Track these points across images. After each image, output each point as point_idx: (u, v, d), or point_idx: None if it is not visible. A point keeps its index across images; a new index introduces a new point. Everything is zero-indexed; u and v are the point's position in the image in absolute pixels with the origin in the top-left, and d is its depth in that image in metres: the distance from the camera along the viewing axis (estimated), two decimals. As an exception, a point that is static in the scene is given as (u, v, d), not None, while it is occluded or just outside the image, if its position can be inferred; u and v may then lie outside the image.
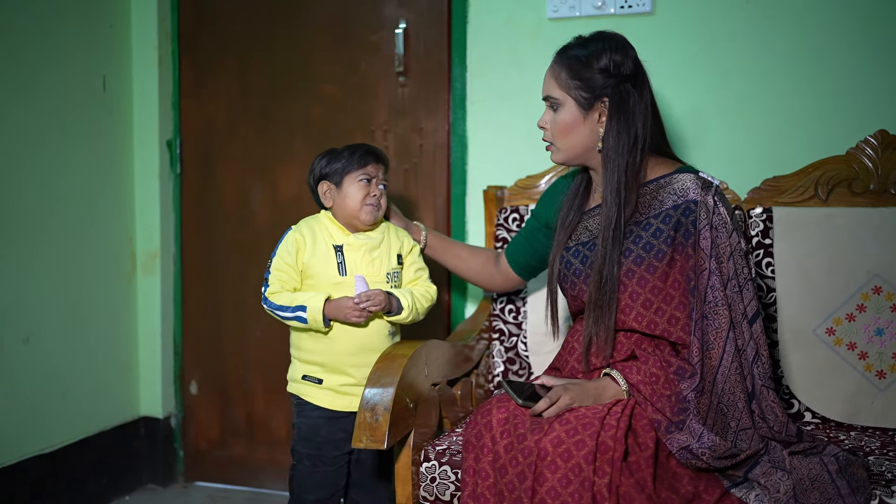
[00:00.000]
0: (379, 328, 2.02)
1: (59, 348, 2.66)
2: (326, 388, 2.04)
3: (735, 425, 1.64)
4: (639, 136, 1.76)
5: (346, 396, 2.04)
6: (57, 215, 2.65)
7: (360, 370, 2.00)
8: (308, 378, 2.06)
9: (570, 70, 1.77)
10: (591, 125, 1.78)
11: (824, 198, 2.15)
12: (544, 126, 1.84)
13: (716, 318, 1.67)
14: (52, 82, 2.62)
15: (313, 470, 2.07)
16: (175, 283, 2.99)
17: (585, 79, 1.76)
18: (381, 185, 2.06)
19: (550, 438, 1.57)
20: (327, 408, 2.05)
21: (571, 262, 1.84)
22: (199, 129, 2.95)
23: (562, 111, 1.79)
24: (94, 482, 2.78)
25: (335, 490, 2.10)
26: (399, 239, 2.10)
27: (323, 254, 2.01)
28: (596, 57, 1.76)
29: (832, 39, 2.29)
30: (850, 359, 2.06)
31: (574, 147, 1.81)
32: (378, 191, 2.04)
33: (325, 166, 2.08)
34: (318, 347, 2.03)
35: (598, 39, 1.79)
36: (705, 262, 1.69)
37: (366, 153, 2.06)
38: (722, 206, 1.72)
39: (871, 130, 2.15)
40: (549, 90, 1.81)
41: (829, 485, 1.59)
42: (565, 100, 1.78)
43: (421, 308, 2.05)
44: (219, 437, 2.99)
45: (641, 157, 1.76)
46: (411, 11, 2.67)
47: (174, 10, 2.93)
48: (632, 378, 1.67)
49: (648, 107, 1.78)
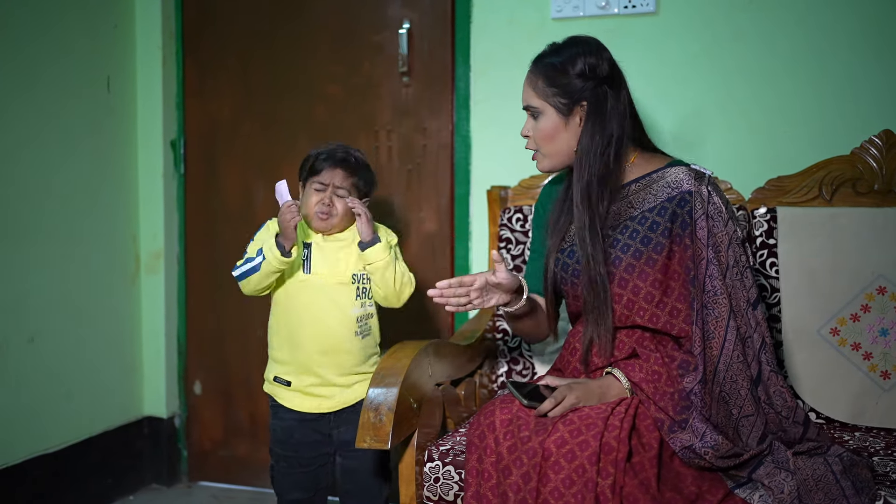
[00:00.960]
0: (345, 328, 2.03)
1: (63, 348, 2.67)
2: (296, 389, 2.07)
3: (737, 412, 1.64)
4: (614, 136, 1.76)
5: (314, 398, 2.06)
6: (61, 215, 2.65)
7: (327, 370, 2.03)
8: (278, 380, 2.08)
9: (547, 78, 1.79)
10: (573, 129, 1.79)
11: (828, 198, 2.15)
12: (527, 134, 1.85)
13: (715, 307, 1.67)
14: (57, 82, 2.62)
15: (289, 471, 2.09)
16: (179, 283, 3.00)
17: (562, 85, 1.77)
18: (340, 193, 2.02)
19: (554, 439, 1.57)
20: (297, 410, 2.06)
21: (567, 263, 1.84)
22: (202, 129, 2.96)
23: (542, 119, 1.80)
24: (98, 482, 2.79)
25: (315, 490, 2.11)
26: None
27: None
28: (571, 62, 1.77)
29: (835, 40, 2.28)
30: (855, 359, 2.06)
31: (559, 153, 1.82)
32: (330, 199, 2.02)
33: (300, 165, 2.10)
34: (287, 347, 2.06)
35: (571, 45, 1.80)
36: (703, 252, 1.69)
37: (325, 159, 2.04)
38: (716, 196, 1.73)
39: (876, 130, 2.15)
40: (528, 99, 1.82)
41: (833, 485, 1.58)
42: (545, 108, 1.79)
43: (395, 277, 2.02)
44: (222, 436, 2.99)
45: (616, 155, 1.77)
46: (415, 11, 2.67)
47: (178, 9, 2.94)
48: (634, 376, 1.68)
49: (626, 106, 1.79)
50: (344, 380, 2.06)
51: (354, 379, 2.07)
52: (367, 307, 2.08)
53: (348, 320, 2.04)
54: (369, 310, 2.09)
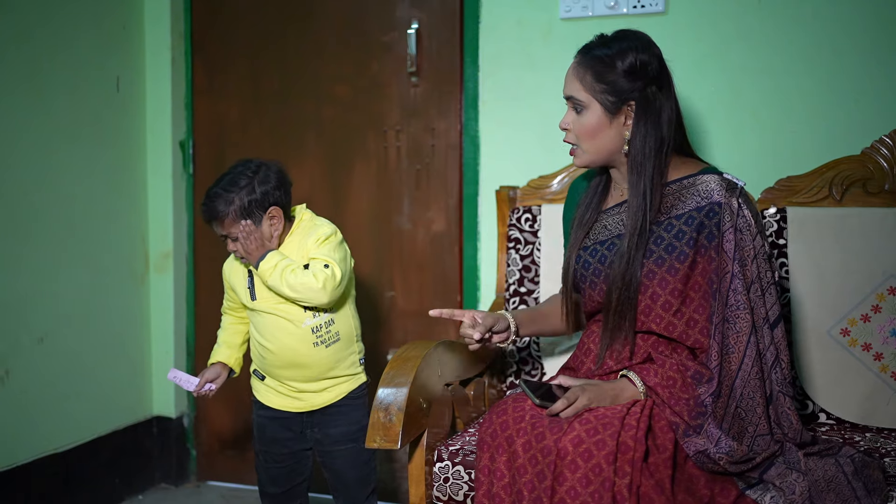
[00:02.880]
0: (302, 343, 2.03)
1: (72, 348, 2.67)
2: (268, 385, 2.11)
3: (752, 430, 1.62)
4: (664, 139, 1.73)
5: (285, 397, 2.09)
6: (70, 215, 2.66)
7: (295, 381, 2.07)
8: (256, 373, 2.13)
9: (596, 73, 1.73)
10: (617, 128, 1.75)
11: (839, 198, 2.14)
12: (567, 127, 1.79)
13: (737, 321, 1.65)
14: (67, 83, 2.63)
15: (266, 466, 2.14)
16: (188, 283, 3.00)
17: (611, 82, 1.72)
18: (234, 236, 2.00)
19: (570, 438, 1.56)
20: (269, 406, 2.10)
21: (589, 262, 1.82)
22: (211, 130, 2.96)
23: (586, 114, 1.75)
24: (107, 481, 2.80)
25: (291, 486, 2.14)
26: (305, 247, 2.03)
27: (239, 282, 2.10)
28: (621, 57, 1.72)
29: (845, 39, 2.28)
30: (866, 360, 2.05)
31: (600, 150, 1.77)
32: (233, 246, 2.02)
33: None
34: (258, 356, 2.11)
35: (621, 38, 1.75)
36: (728, 265, 1.67)
37: (203, 216, 2.03)
38: (746, 209, 1.70)
39: (886, 130, 2.14)
40: (573, 91, 1.76)
41: (845, 486, 1.58)
42: (590, 103, 1.74)
43: (284, 279, 1.95)
44: (231, 436, 2.99)
45: (667, 159, 1.74)
46: (423, 11, 2.67)
47: (187, 10, 2.94)
48: (649, 380, 1.66)
49: (673, 107, 1.75)
50: (313, 385, 2.07)
51: (326, 384, 2.08)
52: (320, 316, 2.03)
53: (303, 334, 2.02)
54: (325, 317, 2.04)
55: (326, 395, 2.08)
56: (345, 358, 2.09)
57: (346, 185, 2.81)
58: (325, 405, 2.08)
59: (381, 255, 2.79)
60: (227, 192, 1.99)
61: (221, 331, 2.20)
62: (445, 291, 2.72)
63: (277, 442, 2.10)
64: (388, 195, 2.76)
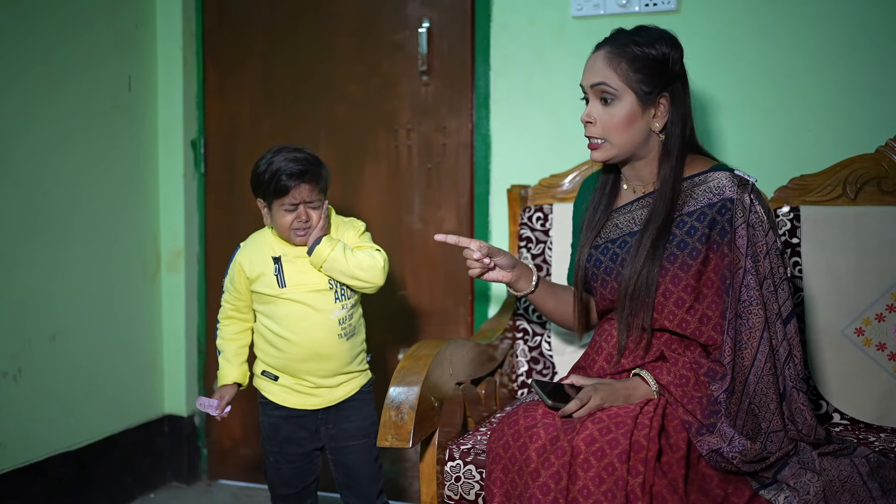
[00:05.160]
0: (329, 333, 2.01)
1: (84, 346, 2.68)
2: (283, 385, 2.08)
3: (766, 427, 1.62)
4: (687, 132, 1.75)
5: (301, 395, 2.07)
6: (82, 214, 2.67)
7: (312, 375, 2.04)
8: (266, 374, 2.09)
9: (632, 60, 1.69)
10: (647, 120, 1.73)
11: (853, 196, 2.13)
12: (590, 120, 1.74)
13: (749, 317, 1.64)
14: (79, 82, 2.64)
15: (278, 467, 2.12)
16: (199, 282, 3.01)
17: (648, 71, 1.69)
18: (314, 205, 1.98)
19: (583, 437, 1.55)
20: (284, 405, 2.08)
21: (601, 260, 1.82)
22: (222, 129, 2.97)
23: (618, 105, 1.71)
24: (119, 480, 2.80)
25: (303, 486, 2.13)
26: (342, 237, 2.05)
27: (264, 270, 2.03)
28: (655, 47, 1.70)
29: (860, 37, 2.26)
30: (880, 360, 2.04)
31: (629, 143, 1.74)
32: (305, 215, 1.98)
33: (253, 186, 2.04)
34: (273, 353, 2.07)
35: (650, 30, 1.74)
36: (741, 261, 1.66)
37: (289, 177, 1.94)
38: (759, 204, 1.70)
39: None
40: (605, 78, 1.70)
41: (860, 487, 1.57)
42: (624, 92, 1.70)
43: (348, 258, 1.97)
44: (242, 435, 3.00)
45: (687, 152, 1.76)
46: (435, 10, 2.67)
47: (198, 10, 2.95)
48: (662, 379, 1.66)
49: (689, 104, 1.77)
50: (331, 381, 2.06)
51: (341, 379, 2.08)
52: (347, 308, 2.04)
53: (331, 325, 2.02)
54: (351, 310, 2.05)
55: (342, 389, 2.08)
56: (358, 353, 2.10)
57: (358, 184, 2.81)
58: (339, 400, 2.08)
59: (392, 254, 2.77)
60: (319, 161, 2.03)
61: (226, 343, 2.13)
62: (456, 290, 2.71)
63: (292, 442, 2.09)
64: (399, 194, 2.76)
